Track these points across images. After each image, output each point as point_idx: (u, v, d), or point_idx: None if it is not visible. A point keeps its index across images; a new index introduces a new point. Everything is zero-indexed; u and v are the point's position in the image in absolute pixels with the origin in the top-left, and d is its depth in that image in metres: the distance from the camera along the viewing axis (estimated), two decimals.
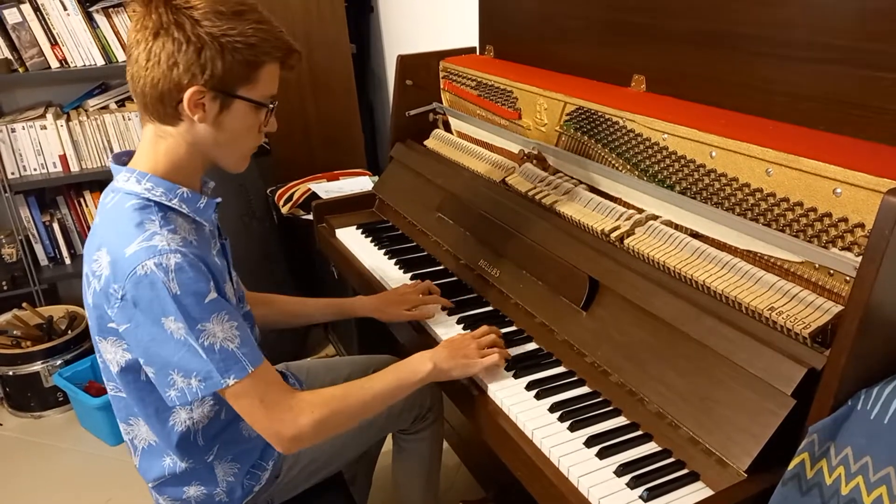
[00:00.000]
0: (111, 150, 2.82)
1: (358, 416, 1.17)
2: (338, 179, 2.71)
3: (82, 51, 2.71)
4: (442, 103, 1.98)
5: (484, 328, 1.29)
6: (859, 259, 0.86)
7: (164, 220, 1.05)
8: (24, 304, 2.62)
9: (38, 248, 2.89)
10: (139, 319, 1.01)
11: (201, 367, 1.02)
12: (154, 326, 1.01)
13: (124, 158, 1.13)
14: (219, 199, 1.17)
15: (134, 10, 1.02)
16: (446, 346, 1.23)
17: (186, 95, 1.02)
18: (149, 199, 1.06)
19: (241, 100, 1.06)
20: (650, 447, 1.05)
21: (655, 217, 1.29)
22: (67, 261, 2.92)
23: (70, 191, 2.89)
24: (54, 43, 2.68)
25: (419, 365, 1.20)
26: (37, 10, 2.62)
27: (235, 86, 1.05)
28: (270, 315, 1.46)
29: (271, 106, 1.10)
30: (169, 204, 1.07)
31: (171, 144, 1.08)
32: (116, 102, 2.86)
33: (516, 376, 1.23)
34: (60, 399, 2.50)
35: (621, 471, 1.00)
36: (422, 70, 1.96)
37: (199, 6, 1.00)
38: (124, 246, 1.01)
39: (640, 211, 1.32)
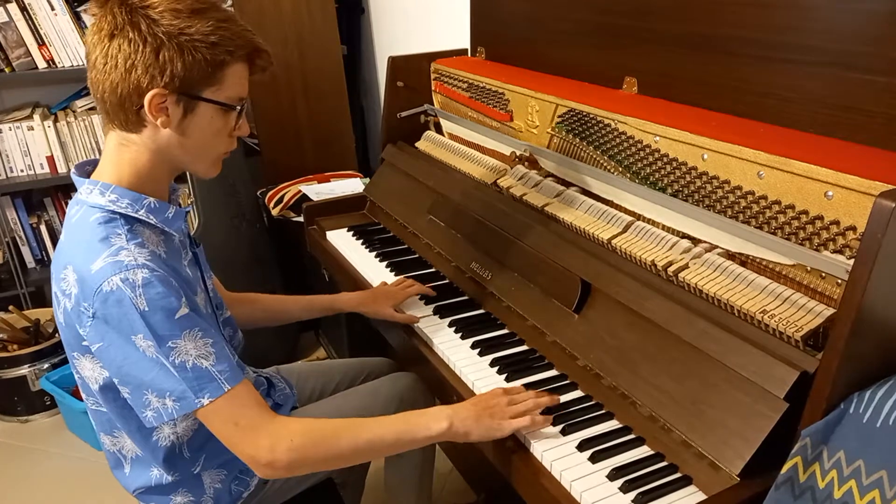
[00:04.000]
0: (99, 152, 2.80)
1: (343, 460, 1.07)
2: (329, 181, 2.70)
3: (70, 51, 2.69)
4: (433, 105, 1.97)
5: (520, 387, 1.16)
6: (851, 262, 0.86)
7: (130, 233, 1.01)
8: (10, 307, 2.58)
9: (25, 251, 2.87)
10: (111, 338, 0.98)
11: (175, 387, 0.98)
12: (126, 345, 0.97)
13: (88, 168, 1.08)
14: (188, 209, 1.14)
15: (93, 12, 0.98)
16: (473, 404, 1.10)
17: (147, 99, 0.98)
18: (114, 212, 1.02)
19: (206, 102, 1.02)
20: (643, 451, 1.05)
21: (647, 219, 1.29)
22: None
23: (57, 192, 2.86)
24: (41, 43, 2.65)
25: (433, 421, 1.06)
26: (24, 9, 2.60)
27: (199, 87, 1.00)
28: (253, 314, 1.45)
29: (238, 108, 1.06)
30: (135, 215, 1.03)
31: (134, 153, 1.04)
32: None
33: (508, 380, 1.22)
34: (48, 403, 2.47)
35: (614, 475, 1.00)
36: (413, 72, 1.95)
37: (156, 5, 0.96)
38: (90, 262, 0.98)
39: (633, 214, 1.32)
